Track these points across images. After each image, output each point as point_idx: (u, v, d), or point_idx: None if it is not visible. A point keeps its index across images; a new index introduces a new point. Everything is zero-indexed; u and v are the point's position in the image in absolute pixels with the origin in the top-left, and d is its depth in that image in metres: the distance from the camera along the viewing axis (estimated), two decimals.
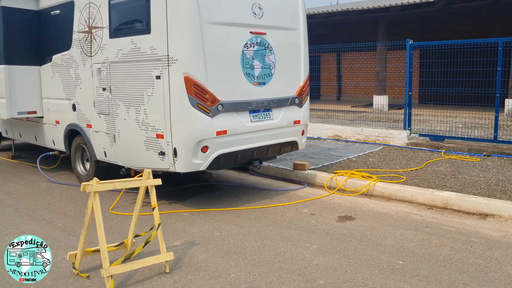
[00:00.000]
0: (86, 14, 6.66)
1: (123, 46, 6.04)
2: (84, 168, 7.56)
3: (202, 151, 5.60)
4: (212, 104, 5.57)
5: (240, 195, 6.73)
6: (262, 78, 6.18)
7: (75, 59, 7.05)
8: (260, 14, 6.08)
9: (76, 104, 7.19)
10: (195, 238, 4.99)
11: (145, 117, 5.84)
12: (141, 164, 6.12)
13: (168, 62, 5.42)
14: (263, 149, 6.37)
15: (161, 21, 5.46)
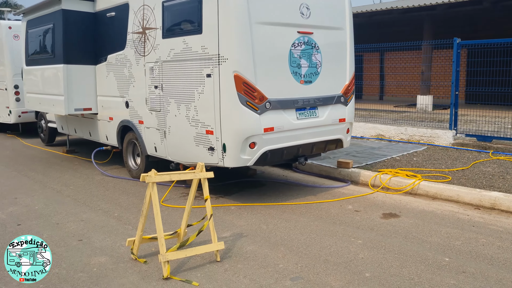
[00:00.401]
0: (140, 15, 6.99)
1: (175, 46, 6.32)
2: (135, 162, 7.92)
3: (250, 147, 5.79)
4: (260, 101, 5.76)
5: (284, 191, 6.89)
6: (309, 76, 6.32)
7: (129, 58, 7.40)
8: (307, 14, 6.21)
9: (129, 101, 7.55)
10: (243, 230, 5.19)
11: (195, 114, 6.09)
12: (190, 159, 6.39)
13: (218, 61, 5.65)
14: (308, 146, 6.50)
15: (212, 21, 5.69)
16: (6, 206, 6.20)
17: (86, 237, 4.98)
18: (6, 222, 5.52)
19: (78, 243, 4.83)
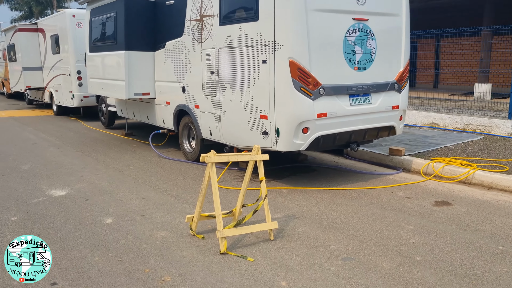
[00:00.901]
0: (198, 3, 7.22)
1: (231, 32, 6.51)
2: (190, 145, 8.25)
3: (303, 132, 5.92)
4: (314, 87, 5.86)
5: (335, 176, 6.99)
6: (363, 63, 6.34)
7: (186, 45, 7.68)
8: (363, 1, 6.22)
9: (185, 86, 7.85)
10: (295, 212, 5.36)
11: (250, 99, 6.28)
12: (244, 143, 6.60)
13: (274, 48, 5.79)
14: (360, 132, 6.55)
15: (269, 9, 5.82)
16: (74, 183, 6.67)
17: (148, 213, 5.32)
18: (75, 197, 5.96)
19: (141, 218, 5.17)
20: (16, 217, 5.22)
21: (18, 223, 5.03)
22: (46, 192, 6.22)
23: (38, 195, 6.09)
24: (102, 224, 4.97)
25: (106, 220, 5.09)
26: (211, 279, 3.75)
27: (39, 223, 5.02)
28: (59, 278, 3.77)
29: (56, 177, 6.99)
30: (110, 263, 4.03)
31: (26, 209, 5.49)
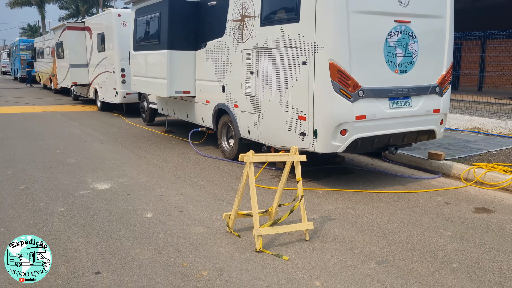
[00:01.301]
0: (240, 4, 7.34)
1: (272, 33, 6.59)
2: (228, 144, 8.38)
3: (341, 134, 5.93)
4: (353, 89, 5.86)
5: (372, 179, 6.95)
6: (404, 66, 6.28)
7: (227, 45, 7.82)
8: (406, 3, 6.16)
9: (225, 86, 7.98)
10: (331, 214, 5.38)
11: (289, 100, 6.33)
12: (282, 143, 6.67)
13: (314, 49, 5.82)
14: (399, 136, 6.49)
15: (310, 10, 5.86)
16: (117, 177, 6.93)
17: (186, 209, 5.47)
18: (117, 191, 6.20)
19: (180, 214, 5.33)
20: (63, 208, 5.48)
21: (65, 214, 5.28)
22: (90, 185, 6.49)
23: (83, 187, 6.36)
24: (143, 218, 5.16)
25: (147, 214, 5.28)
26: (246, 275, 3.84)
27: (84, 215, 5.25)
28: (102, 268, 3.96)
29: (100, 171, 7.28)
30: (150, 256, 4.19)
31: (72, 201, 5.76)
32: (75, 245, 4.42)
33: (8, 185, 6.46)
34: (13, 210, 5.42)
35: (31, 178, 6.83)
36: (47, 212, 5.35)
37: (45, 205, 5.59)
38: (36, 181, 6.69)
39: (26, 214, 5.28)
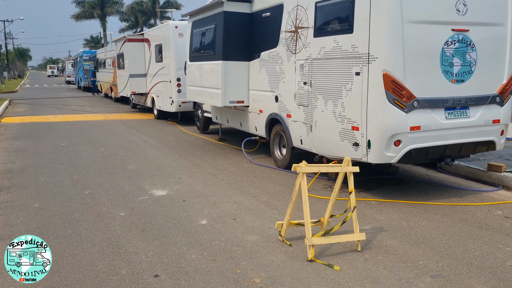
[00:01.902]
0: (294, 15, 7.45)
1: (325, 44, 6.64)
2: (281, 153, 8.48)
3: (394, 145, 5.88)
4: (408, 100, 5.80)
5: (427, 190, 6.81)
6: (461, 75, 6.15)
7: (280, 55, 7.94)
8: (464, 11, 6.03)
9: (278, 96, 8.11)
10: (383, 225, 5.34)
11: (342, 110, 6.35)
12: (334, 153, 6.69)
13: (368, 60, 5.83)
14: (456, 147, 6.34)
15: (364, 21, 5.87)
16: (173, 184, 7.20)
17: (239, 217, 5.61)
18: (173, 198, 6.44)
19: (233, 221, 5.47)
20: (123, 213, 5.78)
21: (125, 219, 5.57)
22: (148, 191, 6.79)
23: (142, 193, 6.66)
24: (198, 225, 5.35)
25: (202, 221, 5.46)
26: (298, 284, 3.90)
27: (143, 220, 5.52)
28: (161, 271, 4.16)
29: (157, 178, 7.59)
30: (205, 261, 4.35)
31: (132, 206, 6.05)
32: (136, 249, 4.66)
33: (74, 190, 6.87)
34: (78, 213, 5.78)
35: (95, 183, 7.23)
36: (110, 216, 5.66)
37: (108, 210, 5.92)
38: (99, 186, 7.08)
39: (90, 217, 5.62)
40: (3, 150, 10.14)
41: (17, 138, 11.90)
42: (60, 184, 7.24)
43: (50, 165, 8.65)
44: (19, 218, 5.62)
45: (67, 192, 6.74)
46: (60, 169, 8.27)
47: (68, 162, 8.92)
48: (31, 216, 5.67)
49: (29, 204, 6.18)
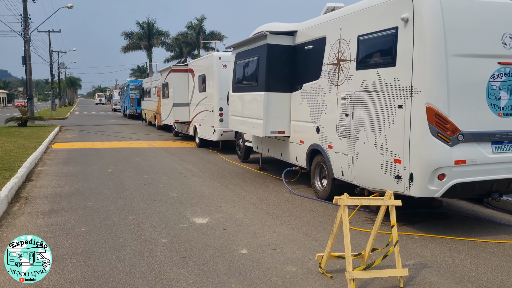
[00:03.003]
0: (336, 48, 7.56)
1: (368, 77, 6.68)
2: (321, 184, 8.46)
3: (438, 179, 5.77)
4: (452, 133, 5.72)
5: (473, 226, 6.60)
6: (509, 109, 6.02)
7: (322, 87, 8.03)
8: (510, 44, 5.96)
9: (320, 127, 8.15)
10: (427, 261, 5.21)
11: (384, 142, 6.32)
12: (376, 186, 6.62)
13: (411, 93, 5.81)
14: (504, 182, 6.15)
15: (406, 54, 5.89)
16: (213, 212, 7.30)
17: (279, 248, 5.62)
18: (214, 226, 6.53)
19: (273, 251, 5.48)
20: (166, 240, 5.90)
21: (167, 245, 5.69)
22: (190, 219, 6.91)
23: (183, 221, 6.79)
24: (238, 254, 5.39)
25: (242, 251, 5.50)
26: None
27: (185, 247, 5.61)
28: None
29: (198, 206, 7.72)
30: None
31: (174, 233, 6.17)
32: (177, 275, 4.74)
33: (119, 215, 7.09)
34: (123, 238, 5.95)
35: (138, 210, 7.44)
36: (152, 242, 5.80)
37: (151, 236, 6.06)
38: (143, 212, 7.27)
39: (134, 243, 5.77)
40: (53, 175, 10.60)
41: (67, 163, 12.42)
42: (106, 209, 7.48)
43: (97, 190, 8.97)
44: (67, 241, 5.84)
45: (113, 217, 6.96)
46: (106, 194, 8.55)
47: (113, 187, 9.22)
48: (78, 240, 5.88)
49: (77, 228, 6.43)
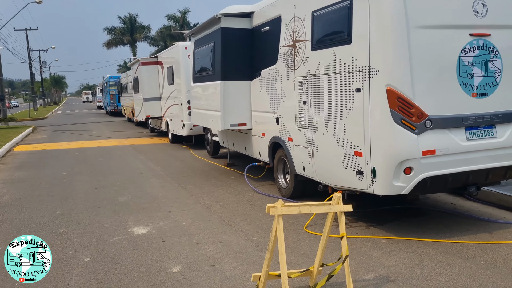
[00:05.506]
0: (291, 28, 6.67)
1: (324, 58, 5.81)
2: (285, 180, 7.60)
3: (404, 173, 4.93)
4: (418, 119, 4.86)
5: (450, 224, 5.78)
6: (484, 88, 5.17)
7: (280, 73, 7.14)
8: (483, 12, 5.09)
9: (279, 117, 7.28)
10: (391, 273, 4.38)
11: (344, 133, 5.47)
12: (338, 182, 5.78)
13: (369, 74, 4.95)
14: (481, 173, 5.32)
15: (363, 29, 5.02)
16: (159, 219, 6.43)
17: (219, 263, 4.76)
18: (153, 237, 5.67)
19: (210, 268, 4.63)
20: (89, 258, 5.03)
21: (88, 266, 4.81)
22: (129, 229, 6.05)
23: (120, 232, 5.92)
24: (167, 274, 4.53)
25: (174, 269, 4.65)
26: None
27: (108, 267, 4.74)
28: None
29: (144, 212, 6.85)
30: None
31: (102, 249, 5.31)
32: None
33: (49, 228, 6.21)
34: None
35: (74, 220, 6.55)
36: (72, 262, 4.92)
37: (73, 254, 5.19)
38: (78, 223, 6.39)
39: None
40: None
41: (20, 168, 11.49)
42: (38, 221, 6.59)
43: (38, 198, 8.06)
44: None
45: (41, 231, 6.07)
46: (46, 203, 7.65)
47: (59, 194, 8.31)
48: None
49: None
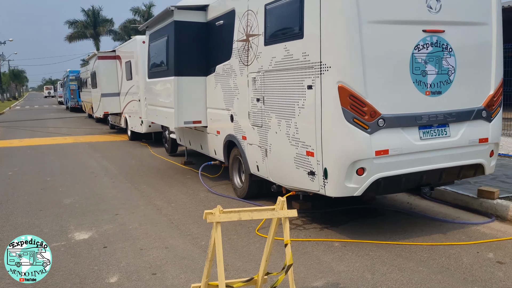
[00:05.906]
0: (245, 22, 6.39)
1: (276, 53, 5.56)
2: (241, 180, 7.34)
3: (357, 174, 4.74)
4: (371, 118, 4.68)
5: (405, 225, 5.66)
6: (437, 86, 5.04)
7: (234, 69, 6.86)
8: (437, 8, 4.95)
9: (233, 115, 7.00)
10: (340, 280, 4.18)
11: (296, 132, 5.24)
12: (291, 183, 5.56)
13: (320, 70, 4.73)
14: (435, 173, 5.20)
15: (314, 23, 4.80)
16: (104, 223, 6.06)
17: (161, 271, 4.46)
18: (94, 243, 5.30)
19: (151, 277, 4.31)
20: None
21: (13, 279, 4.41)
22: (69, 234, 5.65)
23: (59, 238, 5.52)
24: (103, 284, 4.19)
25: (111, 279, 4.31)
26: None
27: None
28: None
29: (90, 215, 6.45)
30: None
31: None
32: None
33: None
34: None
35: (11, 225, 6.09)
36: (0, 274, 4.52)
37: (3, 263, 4.76)
38: (14, 229, 5.94)
39: None
40: None
41: None
42: None
43: None
44: None
45: None
46: None
47: None
48: None
49: None
